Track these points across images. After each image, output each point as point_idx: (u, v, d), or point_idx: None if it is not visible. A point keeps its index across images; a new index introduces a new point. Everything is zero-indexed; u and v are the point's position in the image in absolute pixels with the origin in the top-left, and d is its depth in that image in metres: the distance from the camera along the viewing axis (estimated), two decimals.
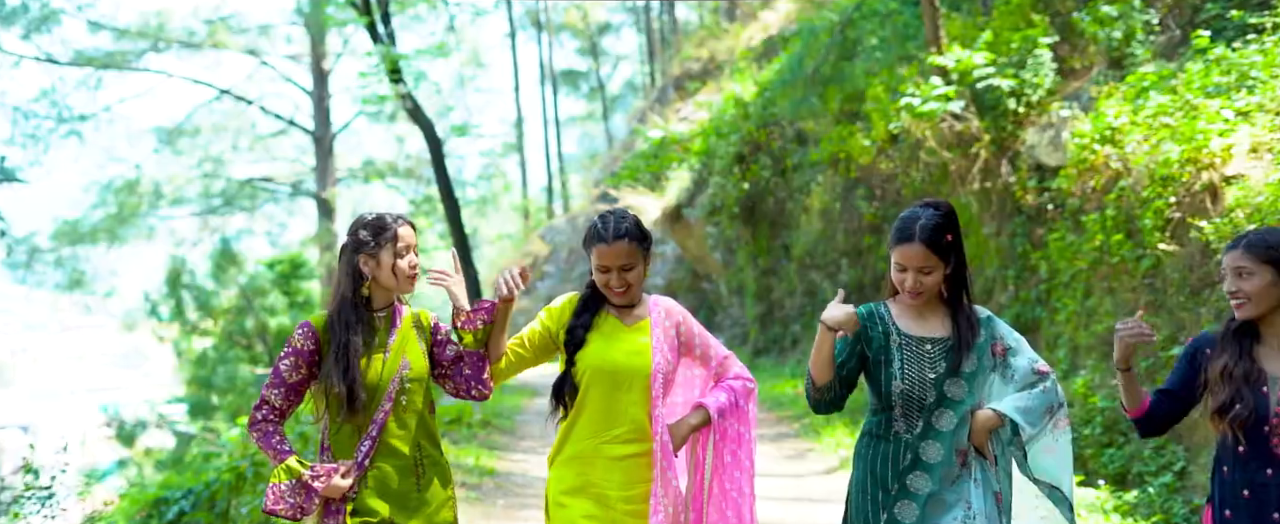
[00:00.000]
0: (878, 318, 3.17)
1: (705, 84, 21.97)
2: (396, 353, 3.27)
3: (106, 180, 29.82)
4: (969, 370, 3.13)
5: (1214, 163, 6.30)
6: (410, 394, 3.26)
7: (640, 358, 3.28)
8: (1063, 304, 8.03)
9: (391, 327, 3.31)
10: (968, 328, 3.14)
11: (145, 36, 30.12)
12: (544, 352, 3.41)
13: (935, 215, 3.10)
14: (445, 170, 14.21)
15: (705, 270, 19.05)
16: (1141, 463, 6.28)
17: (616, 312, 3.35)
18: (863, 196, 12.57)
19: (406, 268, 3.27)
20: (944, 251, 3.09)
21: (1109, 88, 8.07)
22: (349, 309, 3.24)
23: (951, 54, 9.49)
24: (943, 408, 3.11)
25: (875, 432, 3.17)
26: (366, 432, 3.21)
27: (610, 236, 3.22)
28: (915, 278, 3.07)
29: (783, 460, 8.87)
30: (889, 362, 3.12)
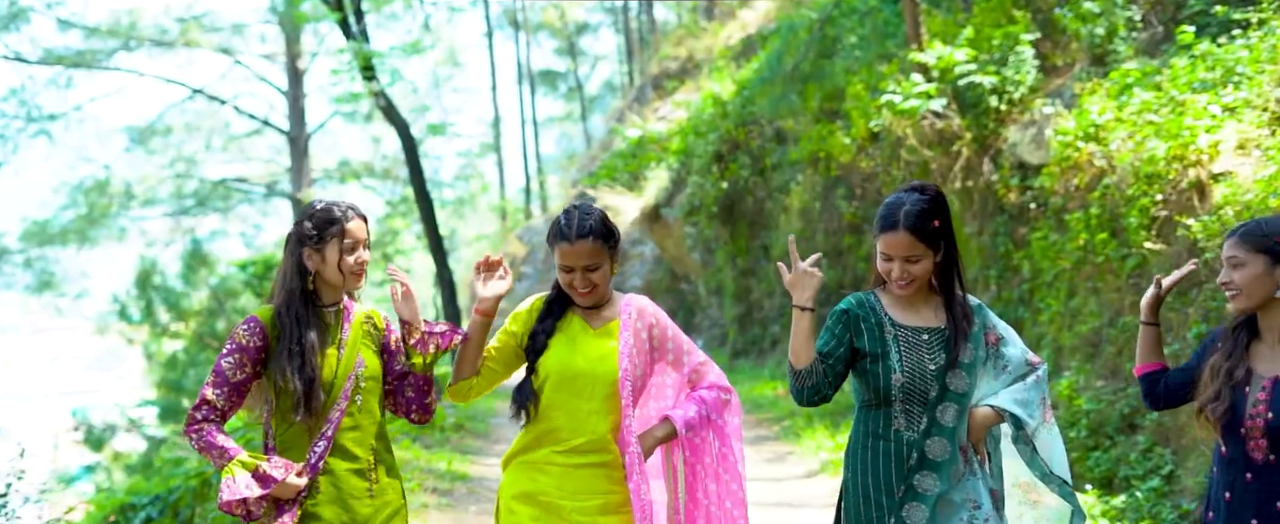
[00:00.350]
0: (869, 308, 3.00)
1: (684, 83, 21.82)
2: (351, 350, 3.10)
3: (77, 181, 29.41)
4: (966, 361, 2.97)
5: (1201, 160, 6.18)
6: (366, 394, 3.10)
7: (604, 364, 3.09)
8: (1046, 304, 7.90)
9: (343, 323, 3.13)
10: (963, 317, 2.99)
11: (116, 35, 29.70)
12: (516, 359, 3.22)
13: (921, 200, 2.94)
14: (420, 170, 13.98)
15: (683, 271, 18.90)
16: (1128, 466, 6.15)
17: (583, 313, 3.16)
18: (843, 196, 12.44)
19: (353, 264, 3.09)
20: (931, 238, 2.92)
21: (1092, 84, 7.95)
22: (299, 303, 3.05)
23: (932, 50, 9.36)
24: (946, 402, 2.94)
25: (873, 431, 2.97)
26: (321, 432, 3.03)
27: (573, 234, 3.04)
28: (902, 267, 2.92)
29: (762, 464, 8.71)
30: (885, 353, 2.94)
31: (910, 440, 2.93)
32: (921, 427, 2.93)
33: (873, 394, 2.97)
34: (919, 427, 2.93)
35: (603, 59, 41.28)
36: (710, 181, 15.31)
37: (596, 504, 3.05)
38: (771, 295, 15.11)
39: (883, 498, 2.92)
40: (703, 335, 17.88)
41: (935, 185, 3.07)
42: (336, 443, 3.05)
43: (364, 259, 3.10)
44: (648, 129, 19.20)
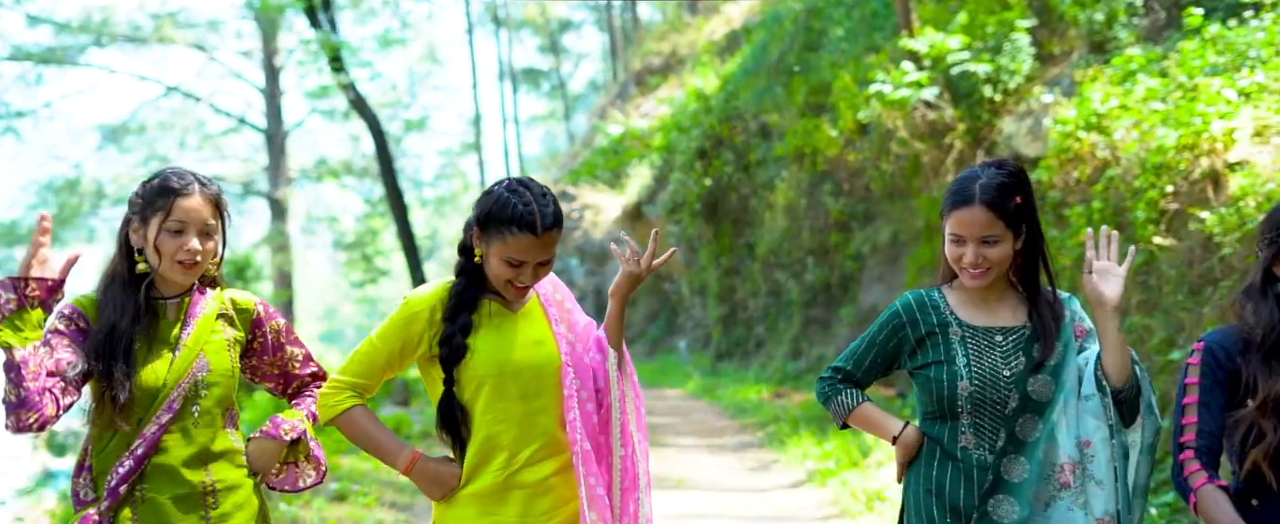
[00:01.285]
0: (930, 306, 2.51)
1: (667, 79, 21.42)
2: (190, 350, 2.54)
3: (46, 179, 28.90)
4: (1053, 362, 2.46)
5: (1215, 148, 5.75)
6: (204, 404, 2.54)
7: (542, 350, 2.57)
8: None
9: (187, 317, 2.57)
10: (1049, 314, 2.49)
11: (88, 31, 29.20)
12: (397, 363, 2.62)
13: (999, 174, 2.46)
14: (391, 164, 13.52)
15: (666, 270, 18.49)
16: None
17: (497, 298, 2.60)
18: (829, 192, 12.04)
19: (176, 250, 2.49)
20: (1012, 218, 2.43)
21: (1093, 71, 7.54)
22: (119, 290, 2.51)
23: (924, 38, 8.94)
24: (1027, 413, 2.45)
25: (935, 448, 2.50)
26: (130, 449, 2.47)
27: (541, 224, 2.47)
28: (976, 251, 2.41)
29: (745, 473, 8.26)
30: (951, 358, 2.46)
31: (981, 460, 2.45)
32: (999, 443, 2.45)
33: (936, 405, 2.49)
34: (996, 443, 2.45)
35: (586, 57, 40.89)
36: (693, 178, 14.89)
37: (568, 513, 2.56)
38: (756, 295, 14.68)
39: (950, 520, 2.45)
40: (686, 336, 17.45)
41: (1016, 162, 2.57)
42: (156, 465, 2.49)
43: (194, 248, 2.49)
44: (630, 125, 18.79)
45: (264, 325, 2.67)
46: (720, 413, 11.46)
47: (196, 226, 2.50)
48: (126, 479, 2.45)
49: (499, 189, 2.55)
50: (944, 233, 2.49)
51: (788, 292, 13.44)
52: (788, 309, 13.40)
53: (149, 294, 2.53)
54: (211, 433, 2.56)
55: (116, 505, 2.46)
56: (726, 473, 8.25)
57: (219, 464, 2.56)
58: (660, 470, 8.15)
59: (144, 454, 2.47)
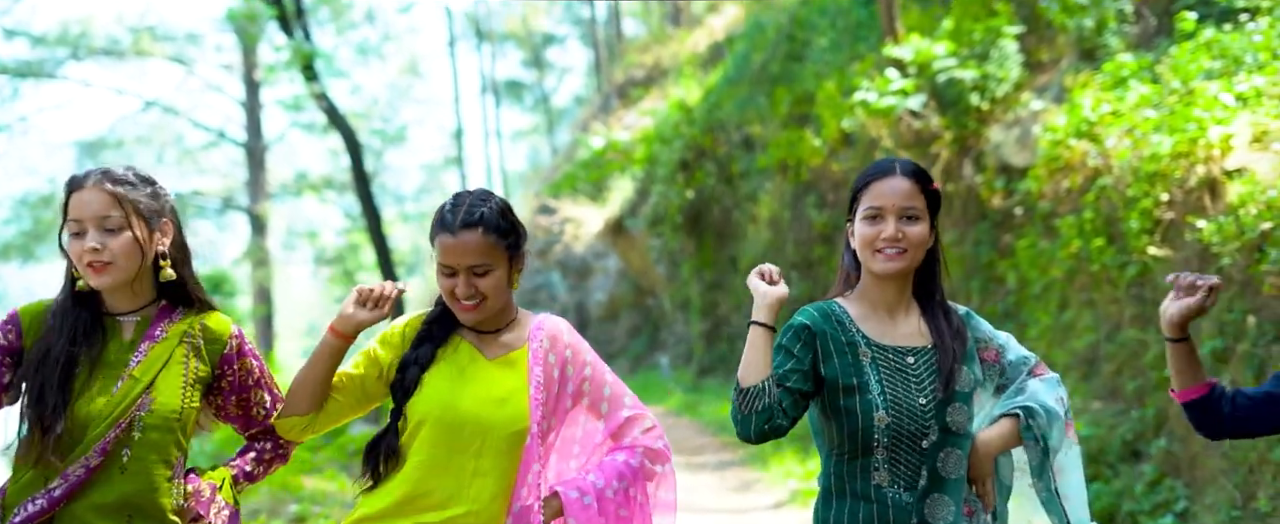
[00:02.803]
0: (836, 322, 2.23)
1: (650, 91, 21.23)
2: (136, 382, 2.22)
3: (20, 194, 28.62)
4: (964, 389, 2.23)
5: (1212, 155, 5.53)
6: (137, 447, 2.20)
7: (503, 409, 2.27)
8: (1034, 318, 7.25)
9: (142, 339, 2.26)
10: (950, 332, 2.24)
11: (65, 44, 28.88)
12: (375, 394, 2.39)
13: (911, 161, 2.30)
14: (366, 179, 13.28)
15: (649, 285, 18.24)
16: (1134, 501, 5.46)
17: (476, 338, 2.35)
18: (813, 204, 11.81)
19: (76, 251, 2.21)
20: (932, 201, 2.24)
21: (1083, 78, 7.33)
22: (63, 309, 2.24)
23: (909, 45, 8.73)
24: (948, 446, 2.19)
25: (848, 488, 2.20)
26: (46, 489, 2.15)
27: (457, 223, 2.24)
28: (897, 225, 2.18)
29: (727, 493, 8.00)
30: (864, 386, 2.18)
31: (898, 499, 2.17)
32: (920, 483, 2.18)
33: (846, 439, 2.20)
34: (917, 482, 2.18)
35: (570, 71, 40.74)
36: (675, 191, 14.67)
37: None
38: (739, 310, 14.43)
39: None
40: (668, 352, 17.20)
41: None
42: (68, 511, 2.16)
43: (95, 247, 2.19)
44: (612, 138, 18.58)
45: (235, 363, 2.35)
46: (701, 430, 11.19)
47: (94, 222, 2.20)
48: (31, 521, 2.13)
49: (443, 204, 2.34)
50: (854, 221, 2.23)
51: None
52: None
53: (100, 311, 2.24)
54: (141, 482, 2.21)
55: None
56: (707, 493, 7.97)
57: (139, 519, 2.22)
58: None
59: (60, 498, 2.15)
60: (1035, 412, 2.25)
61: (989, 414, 2.34)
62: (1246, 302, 5.06)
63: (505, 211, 2.33)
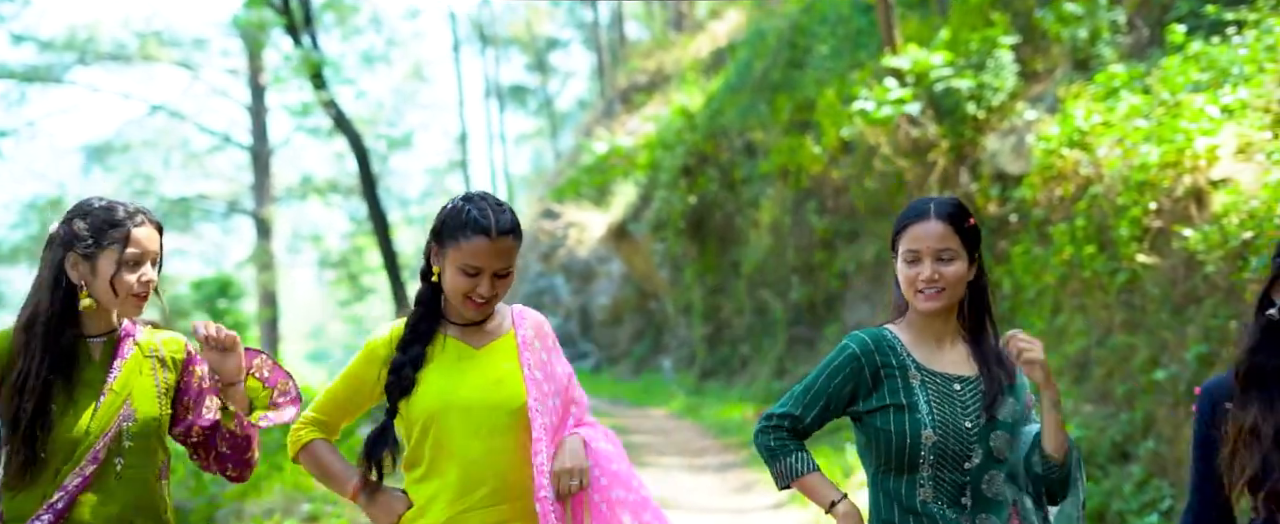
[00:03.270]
0: (887, 346, 2.36)
1: (652, 97, 21.41)
2: (117, 396, 2.41)
3: (29, 198, 28.77)
4: (1007, 419, 2.36)
5: (1198, 165, 5.70)
6: (129, 454, 2.40)
7: (504, 389, 2.44)
8: (1029, 323, 7.40)
9: (113, 358, 2.44)
10: (996, 362, 2.37)
11: (72, 49, 29.04)
12: (362, 403, 2.55)
13: (952, 199, 2.42)
14: (374, 185, 13.45)
15: (652, 289, 18.41)
16: (1122, 500, 5.63)
17: (460, 332, 2.50)
18: (814, 210, 11.99)
19: (134, 283, 2.38)
20: (966, 237, 2.35)
21: (1076, 88, 7.50)
22: (40, 329, 2.37)
23: (907, 54, 8.90)
24: (991, 469, 2.33)
25: (894, 504, 2.34)
26: (50, 503, 2.32)
27: (495, 229, 2.38)
28: (933, 267, 2.30)
29: (728, 494, 8.16)
30: (913, 405, 2.31)
31: (944, 516, 2.30)
32: (964, 501, 2.32)
33: (894, 456, 2.34)
34: (958, 499, 2.32)
35: (574, 75, 40.94)
36: (678, 196, 14.85)
37: None
38: (741, 314, 14.60)
39: None
40: (671, 355, 17.37)
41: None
42: (73, 520, 2.33)
43: (150, 278, 2.41)
44: (615, 143, 18.77)
45: (190, 370, 2.53)
46: (703, 432, 11.35)
47: (151, 257, 2.41)
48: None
49: (454, 201, 2.47)
50: (897, 260, 2.37)
51: (773, 310, 13.37)
52: (772, 328, 13.32)
53: (73, 333, 2.39)
54: (138, 488, 2.40)
55: None
56: (708, 493, 8.14)
57: (142, 521, 2.41)
58: None
59: (63, 509, 2.31)
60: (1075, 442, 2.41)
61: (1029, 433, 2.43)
62: (1231, 308, 5.23)
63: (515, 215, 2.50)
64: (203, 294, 19.70)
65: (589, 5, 33.99)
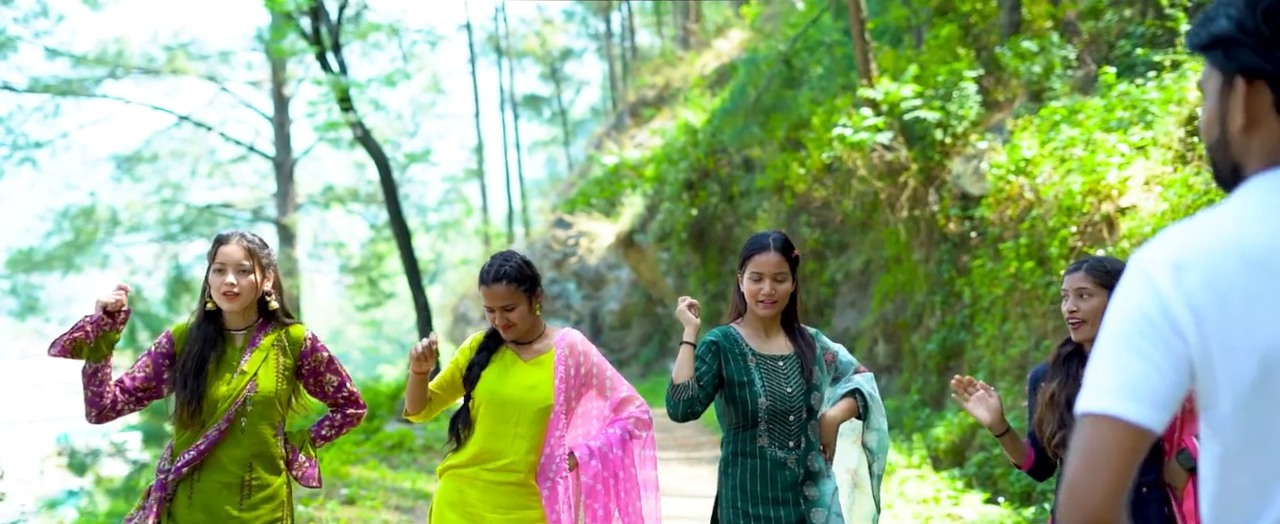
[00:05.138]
0: (732, 340, 3.34)
1: (660, 111, 22.25)
2: (244, 375, 3.29)
3: (62, 207, 29.64)
4: (818, 382, 3.35)
5: (1111, 194, 6.61)
6: (252, 417, 3.30)
7: (533, 393, 3.43)
8: (983, 328, 8.31)
9: (248, 346, 3.33)
10: (805, 344, 3.36)
11: (103, 63, 29.86)
12: (457, 389, 3.57)
13: (782, 234, 3.37)
14: (397, 198, 14.33)
15: (658, 295, 19.26)
16: (1048, 483, 6.53)
17: (516, 347, 3.49)
18: (806, 222, 12.84)
19: (220, 285, 3.28)
20: (793, 264, 3.32)
21: (1024, 121, 8.39)
22: (199, 323, 3.32)
23: (880, 86, 9.80)
24: (813, 419, 3.32)
25: (741, 450, 3.31)
26: (195, 443, 3.25)
27: (490, 279, 3.39)
28: (772, 285, 3.26)
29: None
30: (750, 380, 3.27)
31: (774, 455, 3.27)
32: (793, 444, 3.29)
33: (741, 417, 3.28)
34: (787, 443, 3.29)
35: (587, 84, 41.80)
36: (681, 208, 15.71)
37: (514, 518, 3.41)
38: None
39: (749, 507, 3.27)
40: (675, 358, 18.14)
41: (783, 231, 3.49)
42: (211, 457, 3.25)
43: (233, 284, 3.26)
44: (624, 156, 19.62)
45: (309, 357, 3.46)
46: (701, 429, 12.25)
47: (233, 267, 3.30)
48: (189, 463, 3.26)
49: (486, 263, 3.49)
50: (743, 278, 3.32)
51: None
52: None
53: (217, 326, 3.36)
54: (256, 439, 3.33)
55: (178, 482, 3.26)
56: (702, 482, 9.05)
57: (259, 464, 3.34)
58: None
59: (204, 449, 3.26)
60: (863, 391, 3.41)
61: (831, 397, 3.44)
62: None
63: (523, 266, 3.47)
64: None
65: (601, 17, 34.91)
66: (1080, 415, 1.29)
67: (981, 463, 7.15)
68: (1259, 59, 1.29)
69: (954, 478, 7.26)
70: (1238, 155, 1.34)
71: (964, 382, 3.35)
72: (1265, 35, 1.28)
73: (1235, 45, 1.30)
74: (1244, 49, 1.30)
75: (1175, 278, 1.27)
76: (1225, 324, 1.26)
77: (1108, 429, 1.26)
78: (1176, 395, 1.29)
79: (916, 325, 9.85)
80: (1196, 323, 1.26)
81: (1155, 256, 1.30)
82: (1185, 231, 1.31)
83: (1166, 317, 1.27)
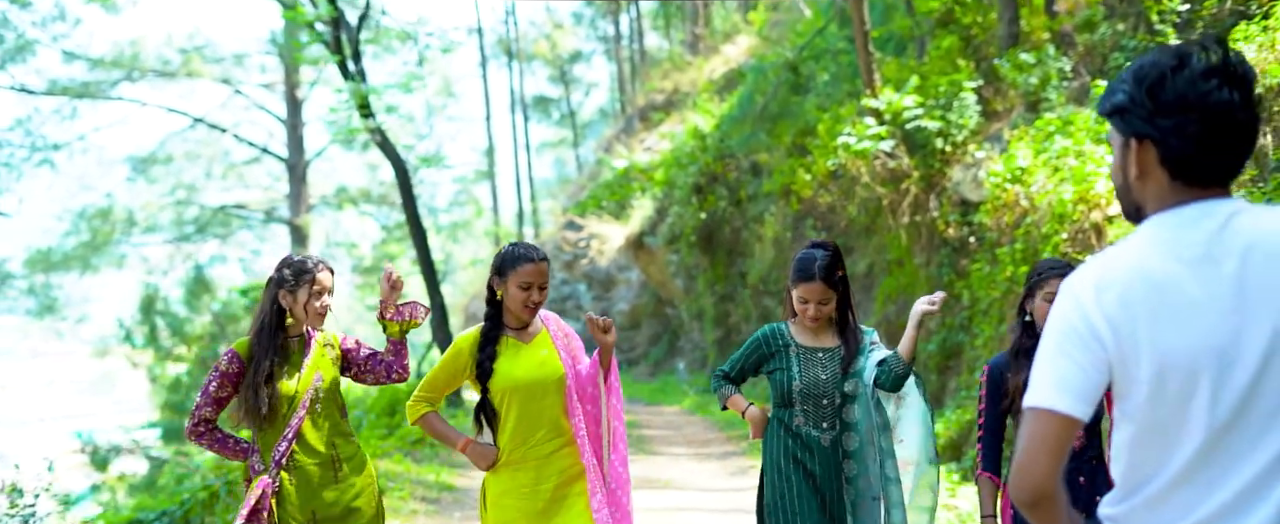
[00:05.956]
0: (779, 334, 3.79)
1: (669, 115, 22.61)
2: (311, 370, 3.80)
3: (79, 208, 30.05)
4: (856, 371, 3.72)
5: (1100, 203, 6.97)
6: (324, 402, 3.80)
7: (546, 368, 3.82)
8: (981, 330, 8.67)
9: (306, 349, 3.85)
10: (853, 339, 3.76)
11: (120, 66, 30.21)
12: (459, 380, 3.93)
13: (827, 255, 3.73)
14: (413, 200, 14.69)
15: (668, 296, 19.61)
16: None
17: (513, 334, 3.87)
18: (812, 226, 13.19)
19: (318, 308, 3.81)
20: (837, 284, 3.71)
21: (1020, 131, 8.75)
22: (266, 336, 3.78)
23: (883, 97, 10.17)
24: (847, 403, 3.71)
25: (781, 421, 3.76)
26: (284, 435, 3.74)
27: (537, 257, 3.81)
28: (816, 308, 3.68)
29: (726, 476, 9.44)
30: (788, 367, 3.71)
31: (808, 434, 3.70)
32: (827, 424, 3.71)
33: (779, 397, 3.74)
34: (820, 424, 3.70)
35: (595, 86, 42.19)
36: (690, 211, 16.06)
37: (567, 476, 3.82)
38: (748, 319, 15.85)
39: (788, 469, 3.72)
40: (685, 358, 18.56)
41: (833, 242, 3.86)
42: (301, 441, 3.74)
43: (327, 305, 3.81)
44: (633, 160, 19.98)
45: (350, 350, 3.96)
46: (710, 426, 12.63)
47: (327, 290, 3.82)
48: (285, 453, 3.73)
49: (505, 247, 3.88)
50: (791, 293, 3.73)
51: (776, 316, 14.60)
52: None
53: (283, 336, 3.83)
54: (331, 420, 3.82)
55: (278, 472, 3.73)
56: (709, 476, 9.44)
57: (339, 440, 3.83)
58: (653, 473, 9.37)
59: (293, 437, 3.74)
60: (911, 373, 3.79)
61: (877, 358, 3.77)
62: None
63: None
64: (250, 299, 21.06)
65: (610, 19, 35.29)
66: (1025, 409, 1.66)
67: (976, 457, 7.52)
68: (1145, 125, 1.67)
69: (951, 471, 7.62)
70: (1137, 198, 1.73)
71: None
72: (1148, 107, 1.66)
73: (1128, 114, 1.69)
74: (1135, 117, 1.68)
75: (1096, 297, 1.64)
76: (1134, 333, 1.63)
77: (1046, 420, 1.63)
78: (1098, 391, 1.66)
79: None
80: (1113, 332, 1.64)
81: (1081, 280, 1.69)
82: (1104, 260, 1.69)
83: (1089, 328, 1.64)
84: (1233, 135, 1.64)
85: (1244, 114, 1.63)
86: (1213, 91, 1.62)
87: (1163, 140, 1.65)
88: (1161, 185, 1.68)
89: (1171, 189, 1.67)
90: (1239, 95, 1.63)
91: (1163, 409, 1.64)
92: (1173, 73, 1.65)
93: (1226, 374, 1.61)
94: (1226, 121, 1.63)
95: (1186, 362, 1.61)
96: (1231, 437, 1.61)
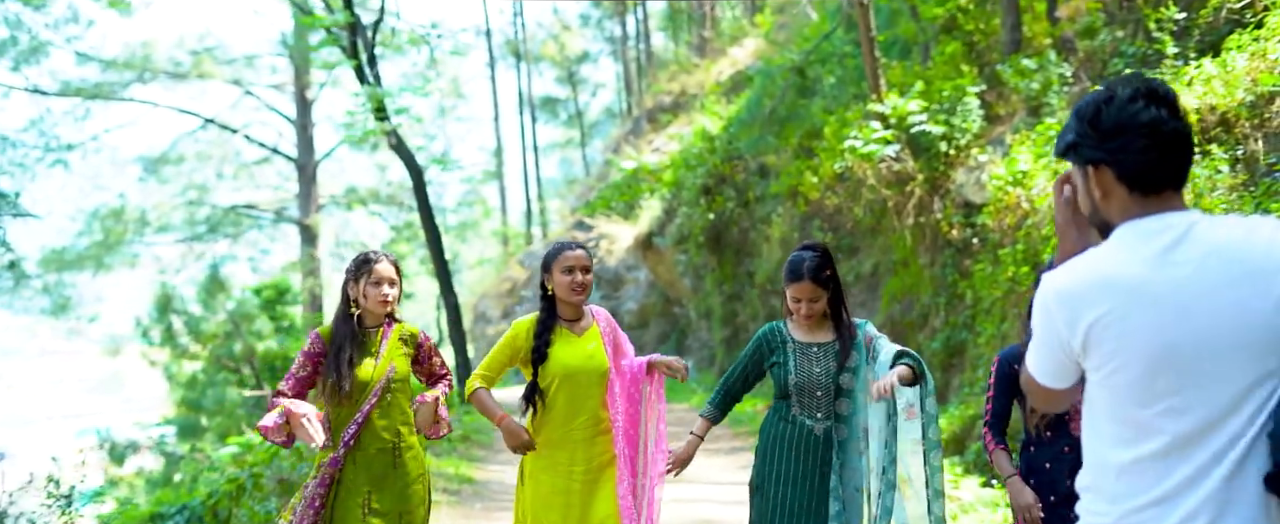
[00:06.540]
0: (777, 332, 4.05)
1: (676, 117, 22.86)
2: (386, 360, 4.06)
3: (92, 208, 30.35)
4: (852, 365, 3.96)
5: None
6: (394, 392, 4.05)
7: (593, 360, 4.14)
8: (983, 328, 8.93)
9: (382, 339, 4.12)
10: (847, 333, 4.00)
11: (132, 67, 30.50)
12: (512, 364, 4.25)
13: (815, 256, 3.97)
14: (427, 200, 14.99)
15: (676, 295, 19.87)
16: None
17: (567, 324, 4.19)
18: (819, 227, 13.44)
19: (377, 296, 4.08)
20: (826, 283, 3.95)
21: (1022, 135, 9.01)
22: (341, 323, 4.08)
23: (888, 101, 10.43)
24: (840, 397, 3.95)
25: (778, 413, 4.02)
26: (354, 418, 3.99)
27: (576, 246, 4.19)
28: (808, 306, 3.93)
29: (736, 470, 9.72)
30: (784, 362, 3.97)
31: (802, 424, 3.95)
32: (828, 418, 3.95)
33: (778, 389, 4.02)
34: (816, 414, 3.95)
35: (602, 86, 42.45)
36: (698, 212, 16.32)
37: (599, 463, 4.13)
38: (755, 319, 16.11)
39: (779, 462, 3.98)
40: (693, 357, 18.83)
41: (822, 242, 4.12)
42: (367, 427, 3.98)
43: (386, 294, 4.09)
44: (642, 161, 20.25)
45: (422, 346, 4.23)
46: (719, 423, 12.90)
47: (386, 280, 4.09)
48: (354, 436, 3.99)
49: (549, 246, 4.32)
50: (785, 293, 3.99)
51: (782, 315, 14.85)
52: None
53: (361, 325, 4.11)
54: (398, 410, 4.08)
55: (345, 453, 4.00)
56: (717, 470, 9.72)
57: (402, 429, 4.09)
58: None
59: (361, 421, 4.00)
60: (919, 360, 3.99)
61: (884, 362, 3.99)
62: None
63: None
64: (264, 298, 21.35)
65: (617, 20, 35.56)
66: (1023, 372, 2.07)
67: (979, 451, 7.79)
68: (1096, 151, 1.95)
69: (954, 464, 7.89)
70: (1105, 216, 2.00)
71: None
72: (1093, 136, 1.95)
73: (1080, 147, 1.98)
74: (1085, 148, 1.97)
75: (1058, 305, 1.94)
76: (1100, 331, 1.91)
77: (1041, 387, 2.04)
78: (1072, 371, 1.99)
79: (922, 325, 10.48)
80: (1074, 335, 1.93)
81: (1056, 282, 1.97)
82: (1076, 265, 1.97)
83: (1055, 334, 1.95)
84: (1169, 143, 1.91)
85: (1172, 124, 1.91)
86: (1141, 111, 1.90)
87: (1114, 160, 1.93)
88: (1123, 200, 1.96)
89: (1132, 200, 1.95)
90: (1165, 110, 1.91)
91: (1120, 394, 1.92)
92: (1105, 104, 1.94)
93: (1186, 370, 1.86)
94: (1159, 132, 1.90)
95: (1148, 358, 1.88)
96: (1187, 428, 1.88)
